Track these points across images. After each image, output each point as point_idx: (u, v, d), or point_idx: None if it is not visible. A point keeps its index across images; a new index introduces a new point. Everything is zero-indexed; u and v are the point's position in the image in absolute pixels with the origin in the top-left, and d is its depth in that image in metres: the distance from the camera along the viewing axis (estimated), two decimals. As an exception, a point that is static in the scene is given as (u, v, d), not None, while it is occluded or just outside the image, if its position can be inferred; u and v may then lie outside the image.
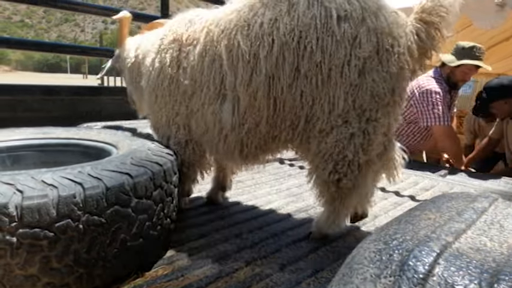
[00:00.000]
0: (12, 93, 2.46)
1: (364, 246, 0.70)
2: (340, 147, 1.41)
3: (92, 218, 1.05)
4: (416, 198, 2.34)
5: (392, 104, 1.40)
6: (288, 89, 1.43)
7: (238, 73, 1.50)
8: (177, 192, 1.52)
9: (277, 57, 1.42)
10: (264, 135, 1.55)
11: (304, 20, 1.38)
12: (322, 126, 1.43)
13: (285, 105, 1.46)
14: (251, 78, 1.48)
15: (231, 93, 1.54)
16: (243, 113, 1.53)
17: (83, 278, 1.08)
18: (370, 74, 1.35)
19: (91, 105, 2.88)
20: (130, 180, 1.16)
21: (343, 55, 1.35)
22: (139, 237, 1.20)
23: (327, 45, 1.36)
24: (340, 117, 1.39)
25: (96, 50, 4.30)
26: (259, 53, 1.45)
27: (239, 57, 1.49)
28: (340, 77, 1.36)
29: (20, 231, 0.95)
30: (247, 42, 1.48)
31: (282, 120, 1.50)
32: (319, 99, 1.41)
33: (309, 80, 1.40)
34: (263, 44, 1.44)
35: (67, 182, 1.05)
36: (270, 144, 1.60)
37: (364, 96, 1.36)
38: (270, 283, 1.27)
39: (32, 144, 1.66)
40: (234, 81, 1.52)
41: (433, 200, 0.90)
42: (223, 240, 1.58)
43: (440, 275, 0.54)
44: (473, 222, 0.71)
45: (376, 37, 1.33)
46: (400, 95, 1.43)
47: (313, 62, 1.38)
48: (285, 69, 1.42)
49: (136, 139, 1.65)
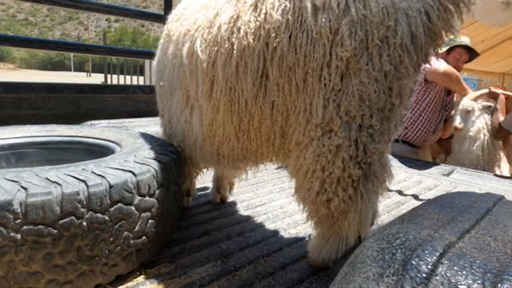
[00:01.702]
0: (15, 91, 2.47)
1: (367, 245, 0.70)
2: (324, 162, 1.15)
3: (95, 215, 1.06)
4: (420, 197, 2.33)
5: (391, 108, 1.14)
6: (253, 101, 1.23)
7: (199, 83, 1.34)
8: (180, 190, 1.52)
9: (237, 64, 1.22)
10: (240, 149, 1.38)
11: (273, 14, 1.14)
12: (300, 139, 1.20)
13: (253, 119, 1.26)
14: (212, 89, 1.31)
15: (196, 103, 1.41)
16: (210, 125, 1.38)
17: (86, 275, 1.09)
18: (356, 76, 1.09)
19: (94, 103, 2.89)
20: (133, 178, 1.16)
21: (321, 55, 1.10)
22: (142, 235, 1.21)
23: (301, 44, 1.12)
24: (320, 127, 1.15)
25: (100, 48, 4.31)
26: (217, 61, 1.26)
27: (198, 65, 1.33)
28: (318, 82, 1.12)
29: (24, 228, 0.96)
30: (205, 48, 1.30)
31: (255, 134, 1.30)
32: (293, 109, 1.19)
33: (281, 88, 1.18)
34: (220, 50, 1.25)
35: (71, 180, 1.06)
36: (250, 157, 1.41)
37: (351, 101, 1.10)
38: (272, 281, 1.27)
39: (36, 141, 1.67)
40: (196, 91, 1.37)
41: (437, 199, 0.90)
42: (226, 239, 1.58)
43: (444, 274, 0.54)
44: (477, 221, 0.71)
45: (364, 29, 1.07)
46: (401, 95, 1.14)
47: (284, 66, 1.15)
48: (248, 79, 1.21)
49: (139, 137, 1.65)
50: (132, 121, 2.70)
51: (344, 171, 1.15)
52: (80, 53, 3.17)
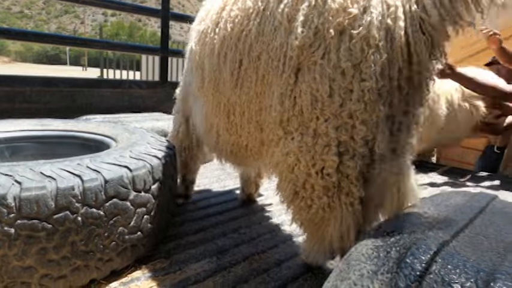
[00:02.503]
0: (10, 84, 2.45)
1: (362, 243, 0.70)
2: (291, 163, 1.04)
3: (90, 210, 1.05)
4: (414, 196, 2.34)
5: (351, 115, 0.92)
6: (233, 92, 1.19)
7: (195, 76, 1.38)
8: (176, 186, 1.52)
9: (219, 54, 1.19)
10: (232, 143, 1.33)
11: (247, 1, 1.11)
12: (270, 136, 1.12)
13: (235, 111, 1.22)
14: (203, 82, 1.32)
15: (198, 96, 1.44)
16: (206, 117, 1.38)
17: (80, 270, 1.08)
18: (310, 71, 0.95)
19: (90, 97, 2.87)
20: (129, 173, 1.16)
21: (279, 44, 1.01)
22: (137, 230, 1.21)
23: (266, 31, 1.05)
24: (281, 126, 1.05)
25: (96, 42, 4.28)
26: (205, 51, 1.26)
27: (192, 58, 1.36)
28: (275, 74, 1.03)
29: (18, 223, 0.95)
30: (198, 41, 1.32)
31: (241, 128, 1.24)
32: (263, 102, 1.11)
33: (251, 79, 1.12)
34: (207, 40, 1.24)
35: (66, 174, 1.05)
36: (243, 153, 1.34)
37: (304, 101, 0.97)
38: (267, 278, 1.27)
39: (31, 135, 1.66)
40: (193, 84, 1.41)
41: (431, 198, 0.91)
42: (222, 235, 1.58)
43: (437, 272, 0.54)
44: (471, 220, 0.72)
45: (323, 17, 0.92)
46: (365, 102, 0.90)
47: (253, 56, 1.09)
48: (227, 69, 1.18)
49: (135, 132, 1.65)
50: (128, 116, 2.69)
51: (310, 177, 1.02)
52: (76, 47, 3.14)
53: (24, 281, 1.00)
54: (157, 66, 5.91)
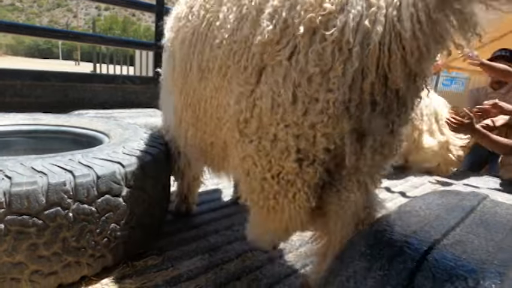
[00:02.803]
0: (0, 78, 2.41)
1: (354, 241, 0.70)
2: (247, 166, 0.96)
3: (82, 206, 1.04)
4: (407, 194, 2.37)
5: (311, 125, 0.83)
6: (198, 84, 1.10)
7: (167, 65, 1.34)
8: (168, 182, 1.51)
9: (190, 42, 1.12)
10: (199, 139, 1.23)
11: None
12: (228, 136, 1.03)
13: (200, 106, 1.13)
14: (173, 72, 1.26)
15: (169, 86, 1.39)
16: (176, 109, 1.31)
17: (72, 267, 1.07)
18: (274, 72, 0.84)
19: (82, 92, 2.84)
20: (121, 169, 1.15)
21: (243, 36, 0.89)
22: (129, 227, 1.20)
23: (230, 19, 0.94)
24: (238, 129, 0.95)
25: (89, 37, 4.23)
26: (177, 39, 1.20)
27: (166, 46, 1.33)
28: (236, 69, 0.92)
29: (7, 218, 0.94)
30: (171, 27, 1.27)
31: (205, 125, 1.15)
32: (221, 98, 1.02)
33: (212, 71, 1.02)
34: (179, 28, 1.19)
35: (57, 170, 1.04)
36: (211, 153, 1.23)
37: (264, 104, 0.87)
38: (259, 275, 1.28)
39: (22, 130, 1.63)
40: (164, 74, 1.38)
41: (423, 197, 0.92)
42: (214, 232, 1.58)
43: (429, 270, 0.55)
44: (462, 220, 0.73)
45: (294, 10, 0.80)
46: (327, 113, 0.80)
47: (214, 46, 0.99)
48: (194, 61, 1.10)
49: (128, 128, 1.63)
50: (121, 112, 2.66)
51: (265, 181, 0.95)
52: (69, 41, 3.09)
53: (14, 277, 0.99)
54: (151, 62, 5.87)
